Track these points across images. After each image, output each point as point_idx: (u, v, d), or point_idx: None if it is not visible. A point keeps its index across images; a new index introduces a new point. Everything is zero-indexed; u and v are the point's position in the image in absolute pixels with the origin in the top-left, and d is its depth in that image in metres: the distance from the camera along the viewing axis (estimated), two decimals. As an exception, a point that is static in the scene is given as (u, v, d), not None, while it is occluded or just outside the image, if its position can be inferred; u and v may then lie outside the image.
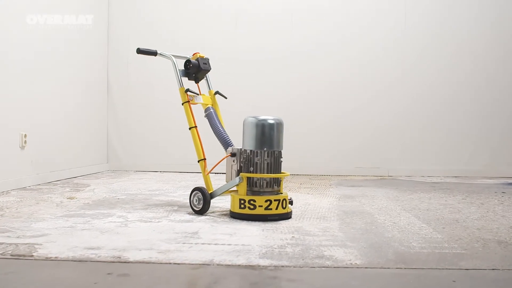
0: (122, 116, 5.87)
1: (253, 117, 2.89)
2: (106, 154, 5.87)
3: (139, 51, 3.25)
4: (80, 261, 1.92)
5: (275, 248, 2.13)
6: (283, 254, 2.03)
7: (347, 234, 2.45)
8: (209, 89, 3.38)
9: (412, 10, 5.69)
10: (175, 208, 3.17)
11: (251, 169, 2.85)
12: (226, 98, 3.36)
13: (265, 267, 1.84)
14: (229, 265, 1.87)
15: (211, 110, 3.23)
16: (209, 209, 3.04)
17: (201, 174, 3.05)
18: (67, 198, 3.50)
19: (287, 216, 2.85)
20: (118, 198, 3.56)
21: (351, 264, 1.90)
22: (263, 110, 5.50)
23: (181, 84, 3.19)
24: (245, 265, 1.87)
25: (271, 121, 2.87)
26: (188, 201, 3.04)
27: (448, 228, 2.63)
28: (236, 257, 1.98)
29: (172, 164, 5.74)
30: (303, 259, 1.95)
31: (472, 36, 5.68)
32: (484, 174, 5.55)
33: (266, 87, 5.74)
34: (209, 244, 2.20)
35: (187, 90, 3.16)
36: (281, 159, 2.92)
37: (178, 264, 1.88)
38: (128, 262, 1.89)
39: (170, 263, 1.88)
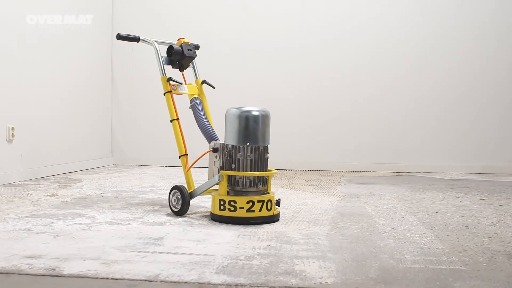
0: (127, 110, 5.65)
1: (236, 108, 2.59)
2: (111, 148, 5.67)
3: (119, 37, 2.98)
4: (7, 273, 1.66)
5: (241, 260, 1.83)
6: (246, 268, 1.73)
7: (333, 242, 2.14)
8: (196, 78, 3.09)
9: (433, -6, 5.27)
10: (156, 208, 2.91)
11: (233, 166, 2.56)
12: (214, 87, 3.07)
13: (215, 286, 1.55)
14: (175, 282, 1.59)
15: (197, 101, 2.95)
16: (193, 209, 2.77)
17: (206, 169, 2.76)
18: (47, 195, 3.28)
19: (272, 219, 2.54)
20: (102, 196, 3.32)
21: (320, 283, 1.59)
22: (272, 102, 5.21)
23: (163, 73, 2.91)
24: (194, 283, 1.58)
25: (255, 113, 2.56)
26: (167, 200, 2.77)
27: (453, 235, 2.28)
28: (189, 271, 1.69)
29: (177, 158, 5.47)
30: (265, 276, 1.65)
31: (495, 20, 5.22)
32: (510, 171, 5.11)
33: (274, 78, 5.42)
34: (167, 253, 1.92)
35: (169, 79, 2.88)
36: (268, 155, 2.62)
37: (116, 279, 1.60)
38: (60, 276, 1.63)
39: (107, 278, 1.61)
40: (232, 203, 2.49)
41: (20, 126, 3.97)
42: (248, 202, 2.47)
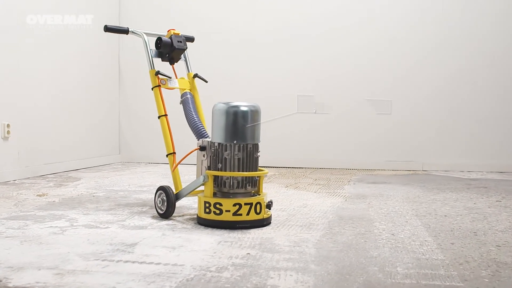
0: (134, 106, 5.51)
1: (223, 103, 2.40)
2: (118, 146, 5.54)
3: (107, 28, 2.82)
4: None
5: (210, 272, 1.65)
6: (212, 282, 1.55)
7: (321, 250, 1.93)
8: (188, 71, 2.92)
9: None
10: (145, 209, 2.75)
11: (219, 165, 2.37)
12: (206, 81, 2.89)
13: (168, 304, 1.37)
14: (126, 298, 1.41)
15: (188, 95, 2.77)
16: (183, 210, 2.60)
17: None
18: (37, 195, 3.15)
19: (261, 223, 2.35)
20: (94, 196, 3.18)
21: (290, 302, 1.39)
22: (281, 97, 5.01)
23: (151, 66, 2.75)
24: (147, 300, 1.40)
25: (244, 108, 2.37)
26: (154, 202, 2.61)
27: (458, 243, 2.06)
28: (147, 285, 1.51)
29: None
30: (231, 292, 1.46)
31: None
32: (535, 170, 4.81)
33: (283, 72, 5.20)
34: (134, 262, 1.75)
35: (157, 72, 2.72)
36: (258, 154, 2.42)
37: (62, 294, 1.44)
38: (3, 290, 1.47)
39: (54, 293, 1.45)
40: (217, 205, 2.30)
41: (18, 123, 3.86)
42: (234, 205, 2.29)
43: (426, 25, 5.00)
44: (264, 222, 2.36)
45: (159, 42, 2.76)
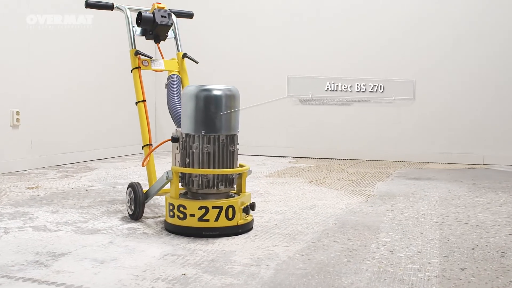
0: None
1: (194, 86, 2.02)
2: (155, 134, 5.31)
3: (88, 4, 2.50)
4: None
5: (110, 302, 1.28)
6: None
7: (279, 274, 1.51)
8: (178, 51, 2.55)
9: None
10: (123, 208, 2.43)
11: (187, 160, 2.00)
12: (197, 62, 2.51)
13: None
14: None
15: (175, 78, 2.42)
16: (162, 211, 2.26)
17: (264, 158, 2.24)
18: (27, 188, 2.93)
19: (234, 230, 1.94)
20: (87, 190, 2.91)
21: None
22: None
23: (132, 45, 2.41)
24: None
25: (217, 92, 1.97)
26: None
27: (471, 270, 1.55)
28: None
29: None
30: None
31: None
32: None
33: (303, 55, 4.71)
34: (34, 281, 1.42)
35: (137, 52, 2.38)
36: (235, 148, 2.02)
37: None
38: None
39: None
40: (181, 208, 1.93)
41: (31, 110, 3.68)
42: (200, 208, 1.90)
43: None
44: (239, 230, 1.95)
45: (139, 17, 2.41)
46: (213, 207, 1.90)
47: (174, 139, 2.08)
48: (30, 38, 3.69)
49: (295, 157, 4.72)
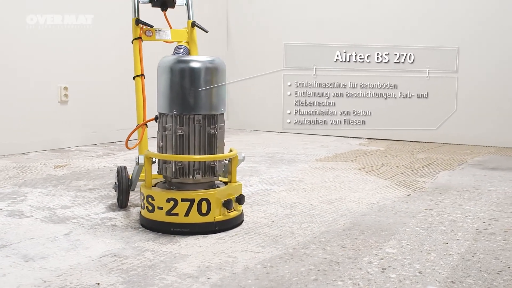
0: (241, 70, 4.90)
1: (170, 56, 1.73)
2: (227, 113, 5.09)
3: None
4: None
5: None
6: None
7: (212, 292, 1.19)
8: (188, 19, 2.27)
9: None
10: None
11: (161, 144, 1.73)
12: (206, 31, 2.22)
13: None
14: None
15: (181, 50, 2.14)
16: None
17: (335, 139, 1.99)
18: (54, 166, 2.85)
19: (209, 228, 1.64)
20: (111, 170, 2.76)
21: None
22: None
23: (134, 13, 2.18)
24: None
25: (194, 65, 1.66)
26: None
27: (474, 306, 1.12)
28: None
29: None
30: None
31: None
32: None
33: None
34: None
35: (138, 21, 2.14)
36: (216, 130, 1.70)
37: None
38: None
39: None
40: (150, 199, 1.67)
41: (81, 88, 3.63)
42: (168, 200, 1.63)
43: None
44: (216, 227, 1.65)
45: (142, -19, 2.17)
46: (183, 200, 1.62)
47: (156, 118, 1.82)
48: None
49: (370, 139, 4.24)
